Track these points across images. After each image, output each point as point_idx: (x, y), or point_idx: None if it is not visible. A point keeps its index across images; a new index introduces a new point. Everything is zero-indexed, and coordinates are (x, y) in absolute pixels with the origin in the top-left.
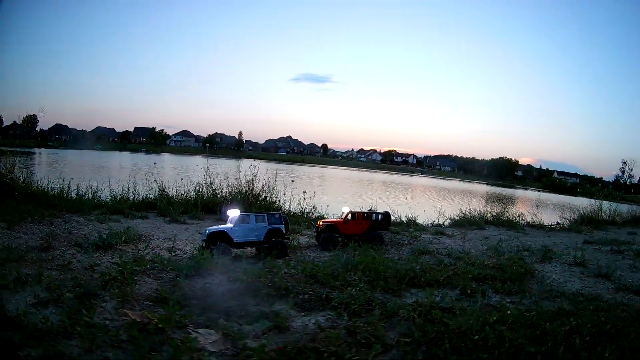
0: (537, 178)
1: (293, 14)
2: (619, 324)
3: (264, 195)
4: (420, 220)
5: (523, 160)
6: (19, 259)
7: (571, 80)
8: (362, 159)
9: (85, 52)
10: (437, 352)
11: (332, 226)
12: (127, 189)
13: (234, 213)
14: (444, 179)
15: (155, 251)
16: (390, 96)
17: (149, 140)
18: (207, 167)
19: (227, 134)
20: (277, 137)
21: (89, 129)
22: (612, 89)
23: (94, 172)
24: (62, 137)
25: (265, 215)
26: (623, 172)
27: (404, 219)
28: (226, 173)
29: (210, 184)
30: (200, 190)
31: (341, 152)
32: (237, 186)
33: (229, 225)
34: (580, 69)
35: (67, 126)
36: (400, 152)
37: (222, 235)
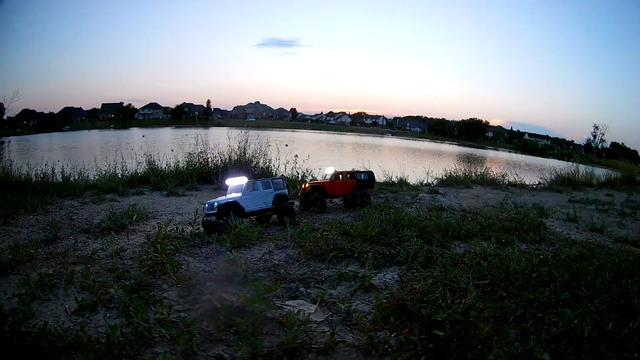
0: (508, 139)
1: None
2: (630, 265)
3: (255, 162)
4: (410, 180)
5: (494, 122)
6: (30, 259)
7: (543, 41)
8: (331, 121)
9: (47, 32)
10: (512, 289)
11: (319, 187)
12: (114, 166)
13: (235, 181)
14: (414, 139)
15: (177, 227)
16: (358, 58)
17: (117, 115)
18: (198, 136)
19: (196, 103)
20: (245, 104)
21: (56, 111)
22: (585, 52)
23: (71, 154)
24: (30, 122)
25: (271, 180)
26: (595, 137)
27: (394, 179)
28: (214, 142)
29: (202, 152)
30: (192, 160)
31: (310, 115)
32: (228, 153)
33: (237, 194)
34: (551, 30)
35: (34, 110)
36: (370, 114)
37: (234, 206)
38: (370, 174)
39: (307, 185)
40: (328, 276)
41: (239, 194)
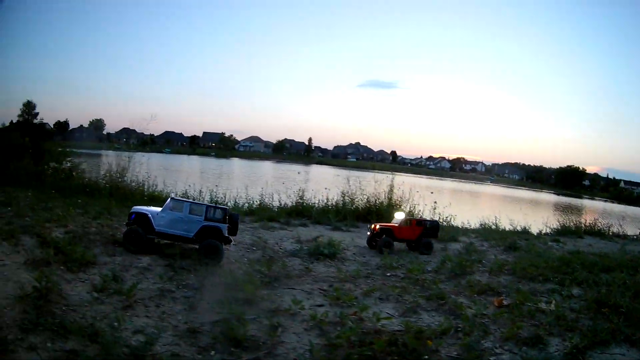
0: (603, 188)
1: (358, 20)
2: None
3: (403, 206)
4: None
5: (590, 169)
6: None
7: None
8: (431, 166)
9: (152, 58)
10: None
11: (388, 230)
12: (262, 196)
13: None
14: (512, 187)
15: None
16: (457, 102)
17: (218, 144)
18: (348, 179)
19: (297, 139)
20: (345, 144)
21: (157, 134)
22: None
23: (189, 176)
24: (129, 140)
25: (205, 207)
26: None
27: (519, 228)
28: (359, 183)
29: (352, 193)
30: (344, 199)
31: (410, 159)
32: (375, 196)
33: (157, 209)
34: None
35: (134, 130)
36: (468, 159)
37: (143, 219)
38: (435, 224)
39: (377, 226)
40: (541, 291)
41: (158, 209)
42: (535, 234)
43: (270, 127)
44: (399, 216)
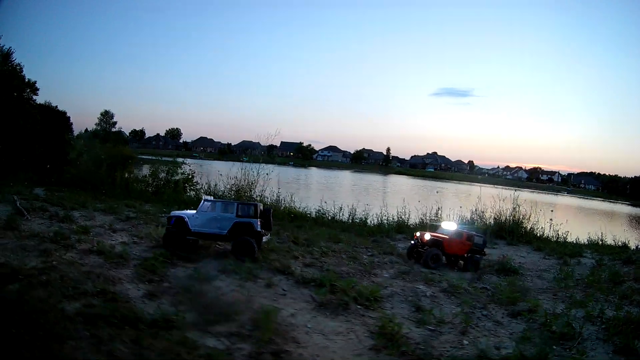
0: None
1: (431, 28)
2: None
3: (525, 223)
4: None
5: None
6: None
7: None
8: (508, 176)
9: (227, 68)
10: None
11: (439, 242)
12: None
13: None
14: (588, 198)
15: None
16: (532, 110)
17: (296, 154)
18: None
19: (375, 149)
20: (423, 154)
21: (234, 142)
22: None
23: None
24: (206, 148)
25: (237, 204)
26: None
27: (619, 243)
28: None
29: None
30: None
31: (487, 169)
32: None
33: (192, 212)
34: None
35: (212, 139)
36: (545, 169)
37: (180, 222)
38: (485, 240)
39: (425, 236)
40: None
41: (193, 212)
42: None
43: (348, 137)
44: (449, 226)
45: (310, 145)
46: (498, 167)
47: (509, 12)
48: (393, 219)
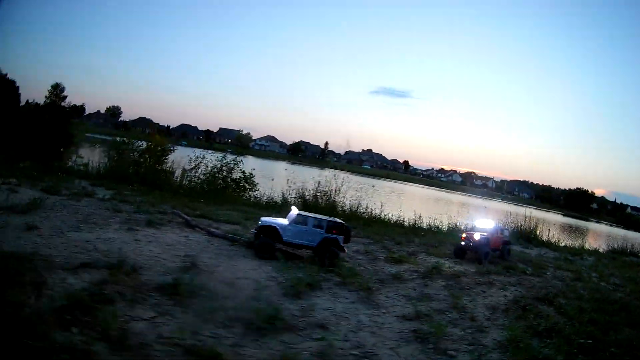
0: (610, 212)
1: (375, 26)
2: None
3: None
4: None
5: (597, 192)
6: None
7: None
8: (442, 178)
9: (169, 50)
10: None
11: (487, 239)
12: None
13: (293, 210)
14: (522, 206)
15: None
16: (469, 115)
17: (234, 141)
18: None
19: (312, 142)
20: (357, 150)
21: (173, 125)
22: None
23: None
24: (145, 130)
25: (326, 220)
26: None
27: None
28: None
29: None
30: None
31: (422, 169)
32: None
33: (284, 221)
34: None
35: (150, 120)
36: (479, 174)
37: (272, 231)
38: (509, 233)
39: (475, 236)
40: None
41: (286, 222)
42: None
43: (287, 128)
44: (485, 224)
45: (249, 133)
46: (432, 168)
47: (451, 18)
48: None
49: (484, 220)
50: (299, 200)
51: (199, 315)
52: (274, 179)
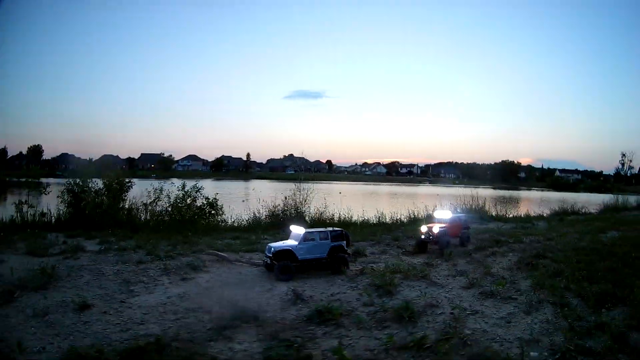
0: (539, 178)
1: (278, 31)
2: None
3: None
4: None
5: (523, 161)
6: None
7: (565, 74)
8: (367, 172)
9: (80, 80)
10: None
11: (445, 230)
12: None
13: (296, 229)
14: (450, 186)
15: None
16: (385, 107)
17: (157, 166)
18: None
19: (234, 156)
20: (279, 156)
21: (95, 157)
22: (607, 82)
23: None
24: (69, 166)
25: (329, 232)
26: (623, 165)
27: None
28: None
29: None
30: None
31: (346, 167)
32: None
33: (293, 242)
34: (573, 64)
35: (73, 154)
36: (403, 162)
37: (287, 254)
38: (468, 219)
39: (434, 228)
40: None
41: (295, 243)
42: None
43: (206, 144)
44: (444, 215)
45: (171, 155)
46: (356, 164)
47: (356, 13)
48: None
49: (441, 211)
50: (270, 217)
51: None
52: (244, 200)
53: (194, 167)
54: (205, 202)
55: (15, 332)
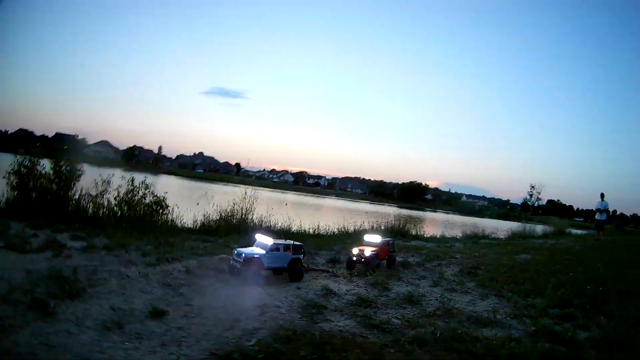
0: (446, 201)
1: (207, 25)
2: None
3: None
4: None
5: (431, 184)
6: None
7: (478, 103)
8: (274, 179)
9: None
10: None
11: (377, 253)
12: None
13: (263, 239)
14: (356, 201)
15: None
16: (298, 116)
17: (69, 148)
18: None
19: (145, 147)
20: (189, 153)
21: (12, 130)
22: (517, 115)
23: None
24: None
25: (291, 245)
26: (531, 195)
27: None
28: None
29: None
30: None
31: (254, 171)
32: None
33: (261, 251)
34: (483, 94)
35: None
36: (311, 173)
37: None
38: (393, 241)
39: (366, 251)
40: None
41: (263, 252)
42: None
43: (120, 131)
44: (374, 239)
45: (84, 138)
46: (264, 169)
47: (283, 20)
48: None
49: (373, 235)
50: (222, 221)
51: None
52: (199, 203)
53: (106, 154)
54: (153, 200)
55: (108, 351)
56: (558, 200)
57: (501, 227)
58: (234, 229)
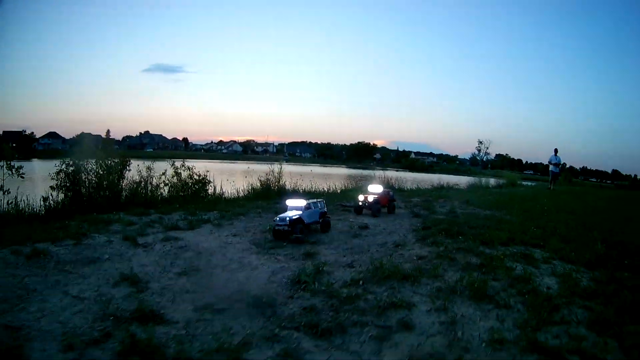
0: (395, 159)
1: (138, 3)
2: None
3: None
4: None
5: (378, 143)
6: None
7: (422, 59)
8: (223, 150)
9: None
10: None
11: (378, 200)
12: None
13: (294, 202)
14: (307, 165)
15: None
16: (239, 84)
17: (19, 145)
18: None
19: (94, 132)
20: (135, 134)
21: None
22: (461, 69)
23: None
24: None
25: (318, 202)
26: (479, 150)
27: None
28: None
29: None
30: None
31: (202, 144)
32: None
33: (299, 212)
34: (424, 49)
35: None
36: (258, 141)
37: (299, 220)
38: (393, 192)
39: (369, 197)
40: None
41: (301, 212)
42: None
43: (66, 120)
44: (376, 188)
45: (32, 133)
46: (212, 142)
47: None
48: None
49: (374, 185)
50: (251, 190)
51: None
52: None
53: (54, 146)
54: (197, 178)
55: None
56: (507, 154)
57: (459, 181)
58: (266, 195)
